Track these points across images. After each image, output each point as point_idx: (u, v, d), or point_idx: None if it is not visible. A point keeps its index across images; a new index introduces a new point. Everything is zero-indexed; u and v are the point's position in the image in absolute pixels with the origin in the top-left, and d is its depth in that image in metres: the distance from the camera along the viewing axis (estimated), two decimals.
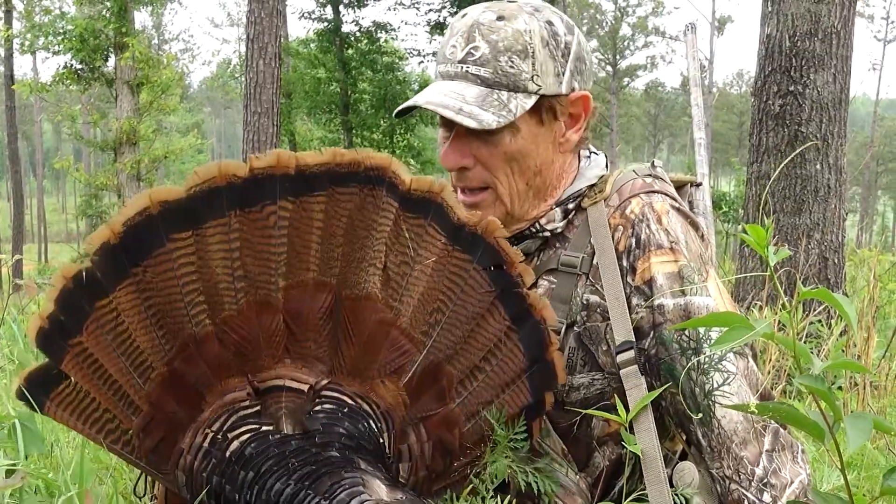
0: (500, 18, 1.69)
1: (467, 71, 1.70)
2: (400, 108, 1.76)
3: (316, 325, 1.48)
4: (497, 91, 1.69)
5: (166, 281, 1.38)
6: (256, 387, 1.45)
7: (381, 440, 1.51)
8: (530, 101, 1.70)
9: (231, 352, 1.44)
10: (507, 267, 1.60)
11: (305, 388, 1.47)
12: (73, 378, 1.40)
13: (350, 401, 1.50)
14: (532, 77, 1.69)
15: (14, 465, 1.29)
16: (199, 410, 1.45)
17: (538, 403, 1.69)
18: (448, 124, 1.75)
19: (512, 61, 1.68)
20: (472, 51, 1.69)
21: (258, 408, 1.45)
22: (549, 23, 1.72)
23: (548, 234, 1.81)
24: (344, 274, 1.49)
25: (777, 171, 5.24)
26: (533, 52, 1.69)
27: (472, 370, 1.62)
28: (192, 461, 1.44)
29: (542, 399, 1.69)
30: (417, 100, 1.71)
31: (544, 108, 1.73)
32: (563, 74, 1.73)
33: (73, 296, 1.35)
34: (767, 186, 5.36)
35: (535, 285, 1.80)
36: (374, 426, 1.50)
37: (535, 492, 1.76)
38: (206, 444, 1.43)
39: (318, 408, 1.47)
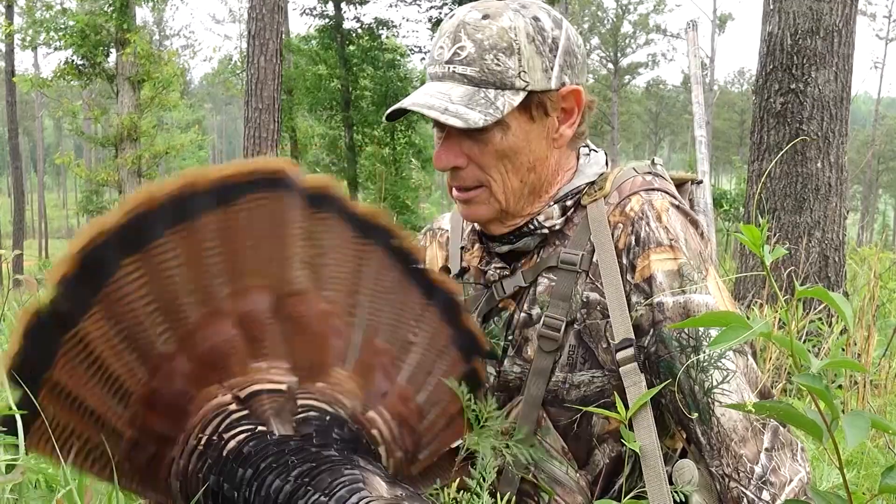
0: (485, 17, 1.69)
1: (454, 71, 1.70)
2: (388, 111, 1.76)
3: (267, 326, 1.53)
4: (484, 89, 1.68)
5: (128, 305, 1.42)
6: (238, 395, 1.48)
7: (364, 440, 1.54)
8: (518, 98, 1.69)
9: (200, 363, 1.47)
10: (403, 246, 1.70)
11: (283, 387, 1.51)
12: (50, 412, 1.41)
13: (330, 409, 1.53)
14: (519, 73, 1.69)
15: (14, 460, 1.29)
16: (186, 420, 1.47)
17: (474, 372, 1.77)
18: (441, 125, 1.74)
19: (498, 59, 1.67)
20: (458, 51, 1.69)
21: (247, 412, 1.47)
22: (536, 18, 1.72)
23: (546, 231, 1.81)
24: (277, 274, 1.55)
25: (770, 166, 5.24)
26: (519, 49, 1.68)
27: (405, 344, 1.70)
28: (186, 464, 1.45)
29: (475, 368, 1.78)
30: (404, 102, 1.71)
31: (534, 104, 1.73)
32: (552, 69, 1.72)
33: (40, 330, 1.38)
34: (767, 184, 5.36)
35: (531, 283, 1.81)
36: (353, 428, 1.53)
37: (532, 487, 1.77)
38: (200, 446, 1.44)
39: (303, 415, 1.49)
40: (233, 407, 1.47)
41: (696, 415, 1.66)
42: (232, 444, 1.43)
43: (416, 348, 1.72)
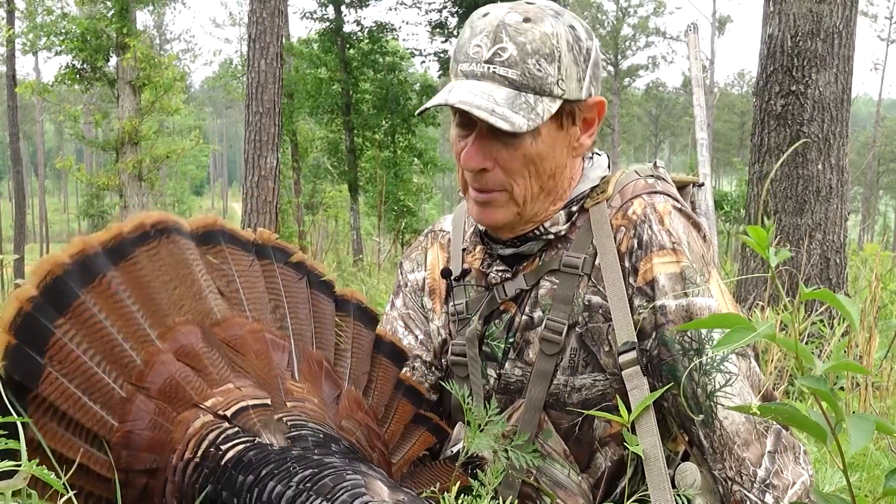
0: (526, 20, 1.66)
1: (494, 72, 1.66)
2: (427, 105, 1.71)
3: (205, 355, 1.58)
4: (524, 94, 1.66)
5: (74, 361, 1.47)
6: (224, 414, 1.52)
7: (359, 453, 1.58)
8: (555, 106, 1.68)
9: (163, 398, 1.52)
10: (297, 259, 1.81)
11: (267, 400, 1.56)
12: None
13: (321, 428, 1.56)
14: (557, 81, 1.67)
15: (17, 465, 1.29)
16: (172, 447, 1.50)
17: (413, 389, 1.87)
18: (466, 124, 1.72)
19: (539, 64, 1.65)
20: (499, 51, 1.66)
21: (237, 428, 1.50)
22: (572, 27, 1.71)
23: (552, 236, 1.81)
24: (195, 308, 1.61)
25: (774, 170, 5.23)
26: (559, 57, 1.67)
27: (335, 351, 1.79)
28: (181, 479, 1.47)
29: (412, 386, 1.87)
30: (449, 98, 1.67)
31: (565, 112, 1.72)
32: (584, 80, 1.72)
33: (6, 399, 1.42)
34: (768, 186, 5.35)
35: (533, 286, 1.80)
36: (344, 443, 1.57)
37: (535, 490, 1.77)
38: (196, 458, 1.47)
39: (296, 433, 1.52)
40: (224, 425, 1.50)
41: (700, 417, 1.66)
42: (231, 453, 1.45)
43: (346, 353, 1.80)
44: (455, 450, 1.86)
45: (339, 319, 1.83)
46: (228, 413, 1.52)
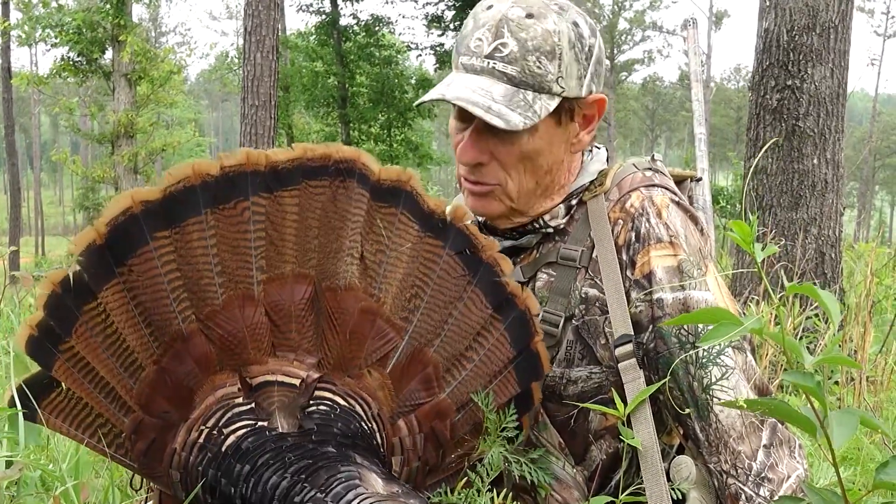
0: (529, 16, 1.66)
1: (494, 67, 1.66)
2: (425, 98, 1.71)
3: (298, 317, 1.50)
4: (522, 91, 1.66)
5: (151, 279, 1.41)
6: (249, 383, 1.47)
7: (375, 441, 1.53)
8: (553, 103, 1.68)
9: (217, 347, 1.46)
10: (479, 253, 1.64)
11: (297, 381, 1.49)
12: (64, 384, 1.42)
13: (343, 402, 1.51)
14: (557, 79, 1.67)
15: (12, 456, 1.30)
16: (190, 409, 1.46)
17: (526, 394, 1.70)
18: (465, 117, 1.72)
19: (540, 62, 1.65)
20: (499, 47, 1.66)
21: (252, 405, 1.46)
22: (575, 24, 1.70)
23: (550, 229, 1.81)
24: (322, 265, 1.51)
25: (757, 159, 5.23)
26: (560, 54, 1.67)
27: (458, 358, 1.64)
28: (188, 457, 1.45)
29: (529, 390, 1.71)
30: (445, 93, 1.67)
31: (564, 109, 1.72)
32: (585, 77, 1.72)
33: (61, 301, 1.38)
34: (763, 180, 5.36)
35: (530, 278, 1.81)
36: (365, 427, 1.52)
37: (530, 483, 1.77)
38: (201, 440, 1.44)
39: (311, 408, 1.48)
40: (238, 400, 1.46)
41: (691, 411, 1.66)
42: (231, 439, 1.43)
43: (469, 364, 1.65)
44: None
45: (492, 322, 1.65)
46: (255, 382, 1.46)
